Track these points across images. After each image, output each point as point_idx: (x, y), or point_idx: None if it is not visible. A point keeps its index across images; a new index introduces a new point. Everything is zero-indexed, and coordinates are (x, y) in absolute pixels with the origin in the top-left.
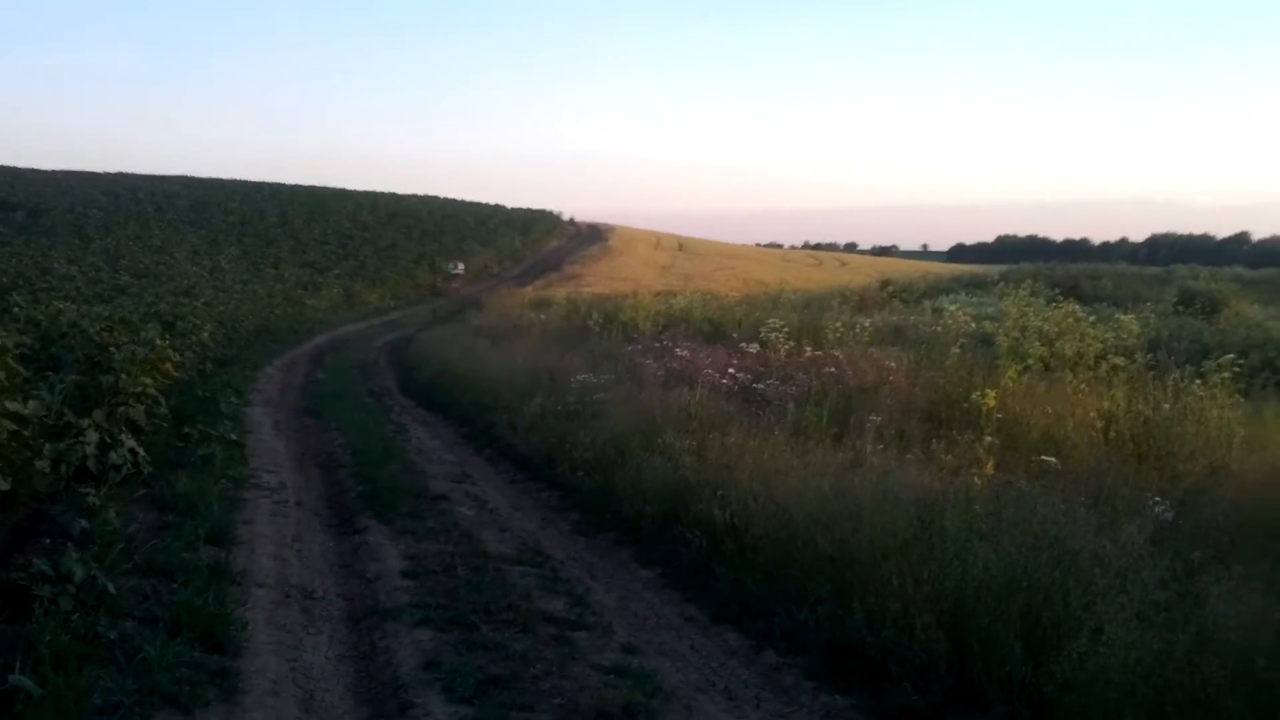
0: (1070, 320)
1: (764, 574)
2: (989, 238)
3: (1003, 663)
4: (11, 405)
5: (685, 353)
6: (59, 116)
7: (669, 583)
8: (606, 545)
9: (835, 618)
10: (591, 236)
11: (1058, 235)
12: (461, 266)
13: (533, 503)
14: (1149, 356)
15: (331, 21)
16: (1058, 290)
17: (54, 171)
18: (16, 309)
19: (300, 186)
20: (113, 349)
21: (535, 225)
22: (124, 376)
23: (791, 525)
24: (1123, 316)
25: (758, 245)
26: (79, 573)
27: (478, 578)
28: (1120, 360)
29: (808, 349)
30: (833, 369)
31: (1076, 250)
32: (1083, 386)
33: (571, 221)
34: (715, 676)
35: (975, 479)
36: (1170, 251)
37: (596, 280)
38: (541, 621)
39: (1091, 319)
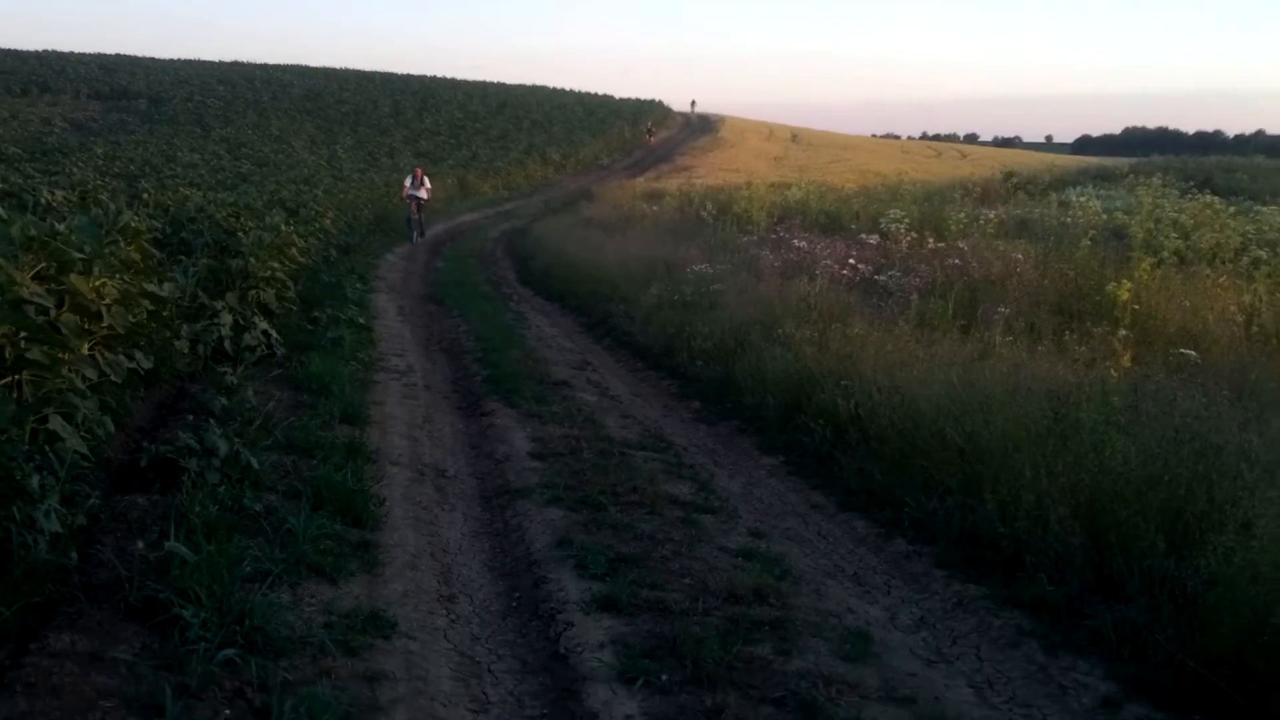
0: (1208, 212)
1: (890, 464)
2: (1116, 129)
3: (1143, 556)
4: (149, 286)
5: (802, 244)
6: (173, 4)
7: (793, 470)
8: (728, 433)
9: (965, 508)
10: (702, 127)
11: (1188, 127)
12: (427, 186)
13: (653, 390)
14: None
15: None
16: (1190, 183)
17: (172, 60)
18: (145, 195)
19: (411, 76)
20: (240, 234)
21: (645, 116)
22: (253, 261)
23: (918, 416)
24: (1263, 209)
25: (873, 136)
26: (223, 447)
27: (603, 461)
28: (1262, 253)
29: (930, 241)
30: (957, 261)
31: (1209, 142)
32: (1222, 280)
33: (695, 105)
34: (844, 562)
35: (1111, 372)
36: None
37: (708, 172)
38: (667, 504)
39: (1232, 210)
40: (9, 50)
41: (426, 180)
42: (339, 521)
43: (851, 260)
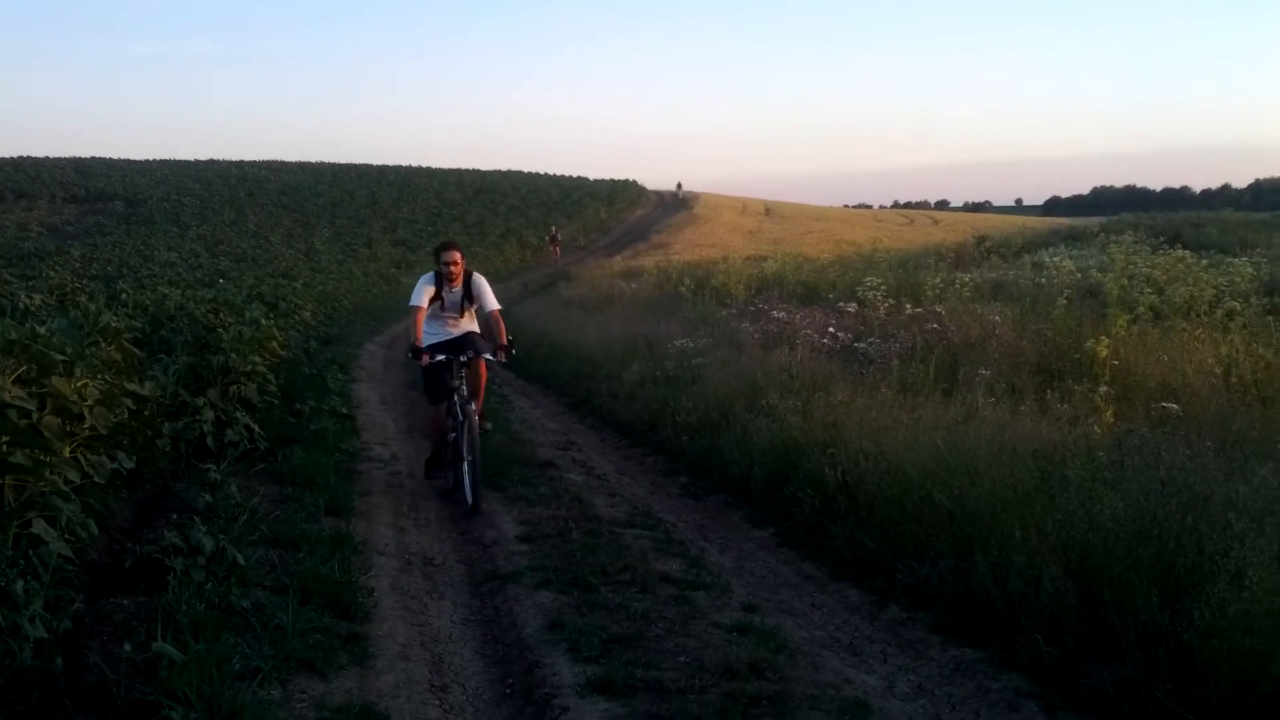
0: (1180, 266)
1: (881, 531)
2: (1085, 190)
3: (1138, 611)
4: (130, 386)
5: (782, 315)
6: (149, 107)
7: (783, 542)
8: (717, 507)
9: (958, 572)
10: (676, 205)
11: (1156, 184)
12: (493, 305)
13: (639, 468)
14: (1265, 300)
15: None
16: (1161, 239)
17: (148, 161)
18: (124, 295)
19: (387, 166)
20: (220, 330)
21: (619, 196)
22: (233, 356)
23: (905, 481)
24: (1234, 261)
25: (846, 207)
26: (208, 545)
27: (593, 541)
28: (1236, 305)
29: (907, 307)
30: (935, 325)
31: (1177, 199)
32: (1198, 333)
33: (680, 186)
34: (839, 632)
35: (1094, 428)
36: (1276, 196)
37: (684, 248)
38: (659, 582)
39: (1204, 263)
40: None
41: (485, 286)
42: (328, 614)
43: (831, 329)
